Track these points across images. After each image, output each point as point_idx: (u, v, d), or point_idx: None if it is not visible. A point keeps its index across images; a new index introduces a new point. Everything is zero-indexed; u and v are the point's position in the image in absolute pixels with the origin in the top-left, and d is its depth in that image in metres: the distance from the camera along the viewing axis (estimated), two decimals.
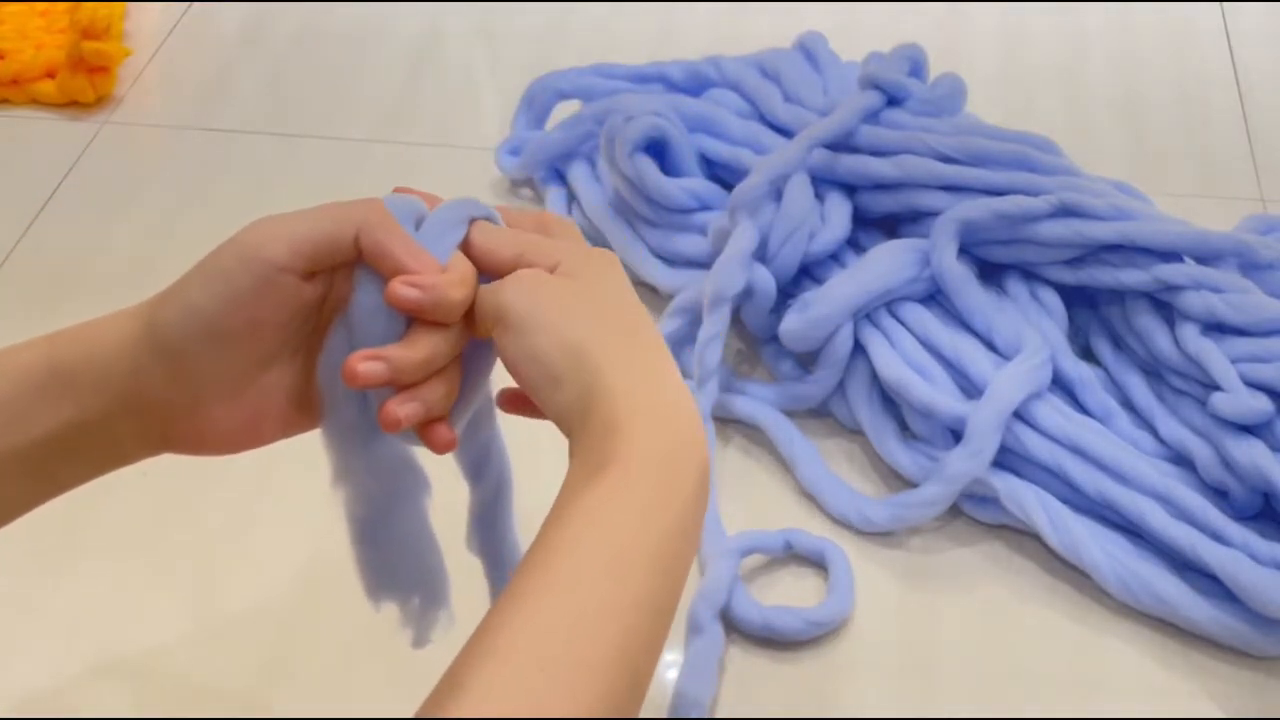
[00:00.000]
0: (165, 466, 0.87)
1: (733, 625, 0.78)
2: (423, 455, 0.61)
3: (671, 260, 0.95)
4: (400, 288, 0.56)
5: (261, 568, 0.81)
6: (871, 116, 0.94)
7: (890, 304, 0.88)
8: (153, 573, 0.81)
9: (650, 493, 0.53)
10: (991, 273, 0.91)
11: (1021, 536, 0.83)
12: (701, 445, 0.56)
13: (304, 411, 0.61)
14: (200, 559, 0.82)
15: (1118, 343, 0.89)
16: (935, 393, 0.84)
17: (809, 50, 1.06)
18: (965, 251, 0.89)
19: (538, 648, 0.48)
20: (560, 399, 0.55)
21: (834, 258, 0.92)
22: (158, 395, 0.57)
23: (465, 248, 0.59)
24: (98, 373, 0.57)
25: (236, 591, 0.80)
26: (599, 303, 0.57)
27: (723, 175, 0.98)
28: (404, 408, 0.57)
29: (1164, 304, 0.87)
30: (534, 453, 0.66)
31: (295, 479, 0.86)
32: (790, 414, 0.89)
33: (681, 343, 0.91)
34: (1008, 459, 0.83)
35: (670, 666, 0.75)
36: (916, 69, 0.99)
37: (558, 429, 0.56)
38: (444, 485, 0.63)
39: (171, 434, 0.59)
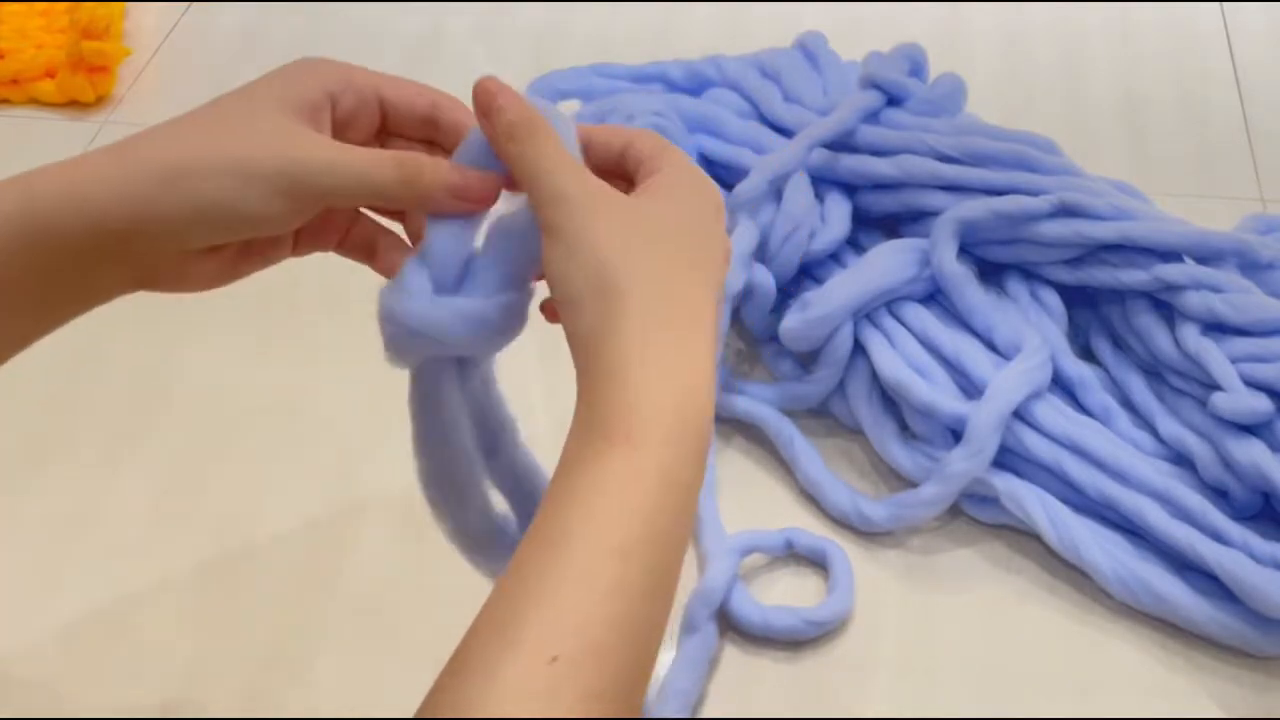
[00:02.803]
0: (166, 468, 0.87)
1: (733, 625, 0.78)
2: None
3: None
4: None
5: (262, 566, 0.81)
6: (871, 116, 0.94)
7: (890, 304, 0.88)
8: (153, 569, 0.81)
9: (659, 474, 0.51)
10: (991, 273, 0.91)
11: (1021, 536, 0.83)
12: (709, 415, 0.54)
13: (276, 252, 0.61)
14: (202, 557, 0.82)
15: (1118, 342, 0.89)
16: (935, 393, 0.84)
17: (809, 50, 1.06)
18: (965, 251, 0.89)
19: (550, 639, 0.47)
20: (575, 326, 0.54)
21: (834, 258, 0.92)
22: (150, 254, 0.57)
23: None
24: (88, 231, 0.56)
25: (237, 589, 0.80)
26: (662, 230, 0.55)
27: (723, 175, 0.98)
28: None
29: (1164, 304, 0.87)
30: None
31: (296, 477, 0.86)
32: (790, 414, 0.88)
33: None
34: (1008, 459, 0.83)
35: (661, 666, 0.75)
36: (916, 69, 0.99)
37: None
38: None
39: (156, 282, 0.58)
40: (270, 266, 0.62)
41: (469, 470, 0.61)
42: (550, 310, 0.59)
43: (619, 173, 0.60)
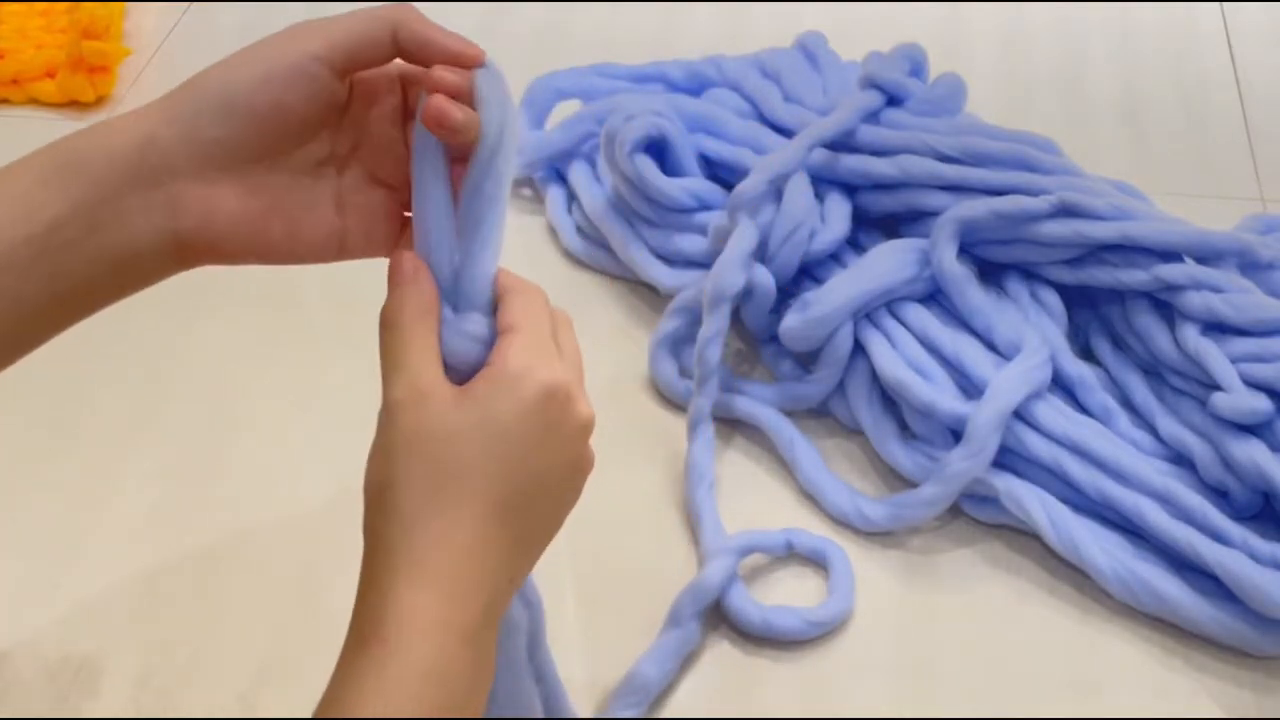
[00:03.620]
0: (171, 462, 0.87)
1: (733, 625, 0.78)
2: None
3: (671, 260, 0.95)
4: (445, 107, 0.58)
5: (263, 564, 0.81)
6: (871, 116, 0.94)
7: (890, 304, 0.88)
8: (156, 563, 0.81)
9: (420, 674, 0.53)
10: (991, 273, 0.91)
11: (1021, 536, 0.83)
12: (480, 619, 0.55)
13: (315, 224, 0.61)
14: (201, 554, 0.82)
15: (1118, 342, 0.89)
16: (935, 393, 0.84)
17: (809, 50, 1.06)
18: (965, 251, 0.89)
19: None
20: (365, 516, 0.56)
21: (834, 258, 0.92)
22: (166, 165, 0.58)
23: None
24: (107, 154, 0.58)
25: (237, 589, 0.80)
26: (470, 442, 0.55)
27: (723, 175, 0.98)
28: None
29: (1164, 304, 0.86)
30: None
31: (301, 470, 0.86)
32: (790, 414, 0.89)
33: (681, 342, 0.91)
34: (1008, 459, 0.83)
35: (636, 652, 0.76)
36: (916, 69, 0.99)
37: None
38: None
39: (180, 217, 0.59)
40: (315, 260, 0.62)
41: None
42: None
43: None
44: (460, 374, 0.57)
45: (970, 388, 0.85)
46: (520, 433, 0.56)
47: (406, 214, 0.63)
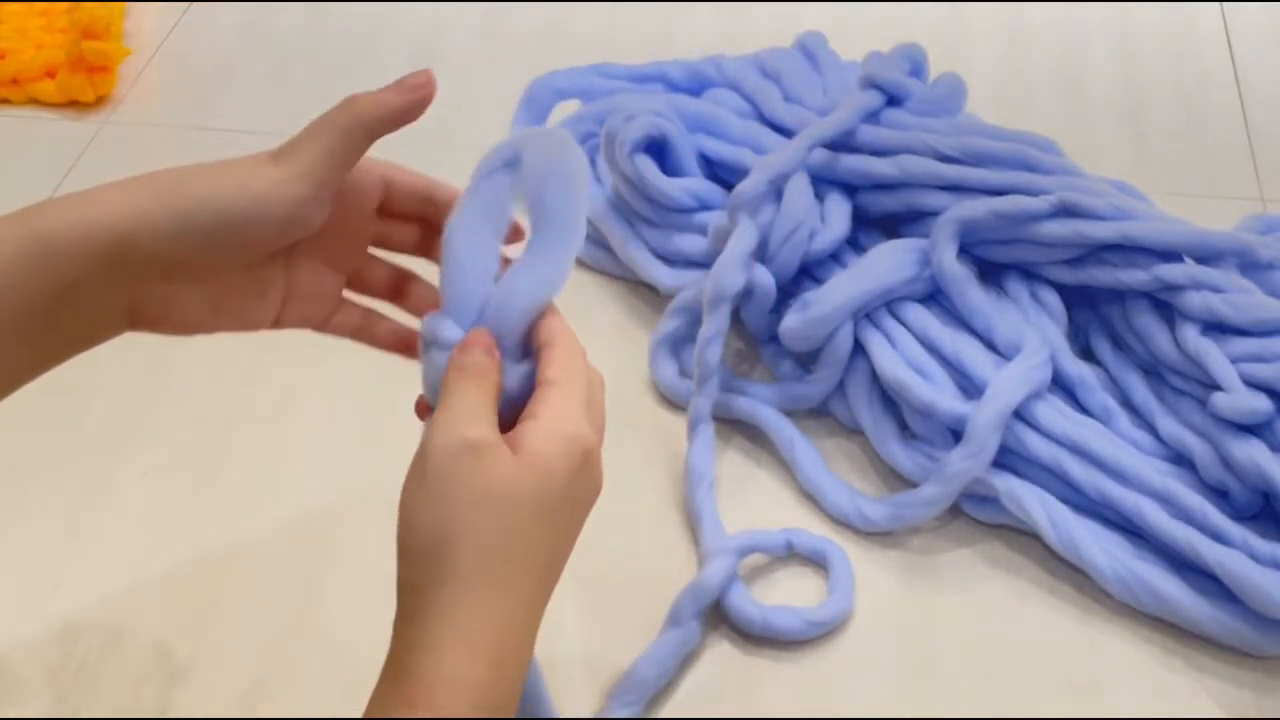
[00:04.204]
0: (168, 465, 0.87)
1: (733, 625, 0.78)
2: None
3: (671, 260, 0.95)
4: None
5: (263, 564, 0.81)
6: (871, 116, 0.94)
7: (890, 304, 0.88)
8: (156, 563, 0.81)
9: None
10: (991, 273, 0.91)
11: (1021, 536, 0.83)
12: (515, 686, 0.56)
13: (262, 309, 0.64)
14: (201, 554, 0.82)
15: (1118, 342, 0.89)
16: (935, 393, 0.84)
17: (809, 50, 1.06)
18: (965, 251, 0.89)
19: None
20: (402, 573, 0.56)
21: (834, 258, 0.92)
22: (138, 269, 0.59)
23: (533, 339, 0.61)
24: (84, 245, 0.59)
25: (237, 589, 0.80)
26: (516, 505, 0.56)
27: (723, 175, 0.98)
28: None
29: (1164, 304, 0.87)
30: None
31: (298, 476, 0.86)
32: (790, 414, 0.89)
33: (681, 342, 0.91)
34: (1008, 459, 0.83)
35: (635, 652, 0.76)
36: (916, 69, 0.99)
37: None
38: None
39: (139, 308, 0.61)
40: (251, 331, 0.65)
41: None
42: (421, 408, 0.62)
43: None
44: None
45: (970, 388, 0.85)
46: (570, 496, 0.57)
47: (346, 295, 0.67)
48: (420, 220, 0.67)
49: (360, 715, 0.54)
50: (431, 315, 0.61)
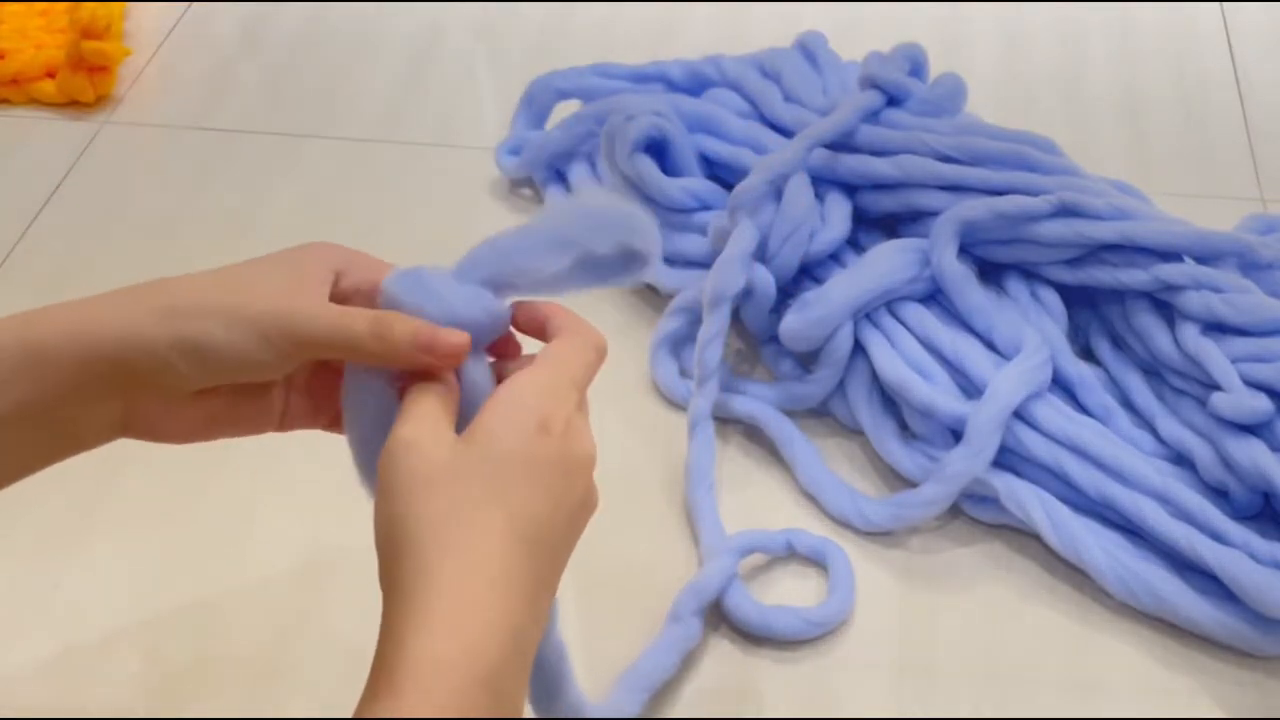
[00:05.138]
0: (167, 463, 0.87)
1: (733, 625, 0.78)
2: None
3: (671, 260, 0.95)
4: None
5: (263, 563, 0.81)
6: (871, 116, 0.94)
7: (890, 304, 0.88)
8: (156, 563, 0.81)
9: None
10: (991, 273, 0.91)
11: (1021, 536, 0.83)
12: (500, 672, 0.54)
13: (263, 419, 0.63)
14: (203, 551, 0.82)
15: (1118, 343, 0.89)
16: (935, 393, 0.84)
17: (809, 50, 1.06)
18: (965, 251, 0.89)
19: None
20: (381, 566, 0.56)
21: (834, 258, 0.92)
22: (132, 389, 0.59)
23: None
24: (80, 359, 0.58)
25: (237, 587, 0.80)
26: (486, 487, 0.55)
27: (723, 175, 0.98)
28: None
29: (1164, 304, 0.87)
30: None
31: (298, 475, 0.86)
32: (790, 414, 0.89)
33: (681, 342, 0.91)
34: (1008, 459, 0.83)
35: (636, 649, 0.76)
36: (916, 69, 0.99)
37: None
38: None
39: (132, 423, 0.61)
40: (251, 436, 0.64)
41: None
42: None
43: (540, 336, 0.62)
44: None
45: (970, 388, 0.85)
46: (529, 460, 0.56)
47: None
48: None
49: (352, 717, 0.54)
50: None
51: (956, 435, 0.83)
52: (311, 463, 0.87)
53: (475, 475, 0.55)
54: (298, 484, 0.85)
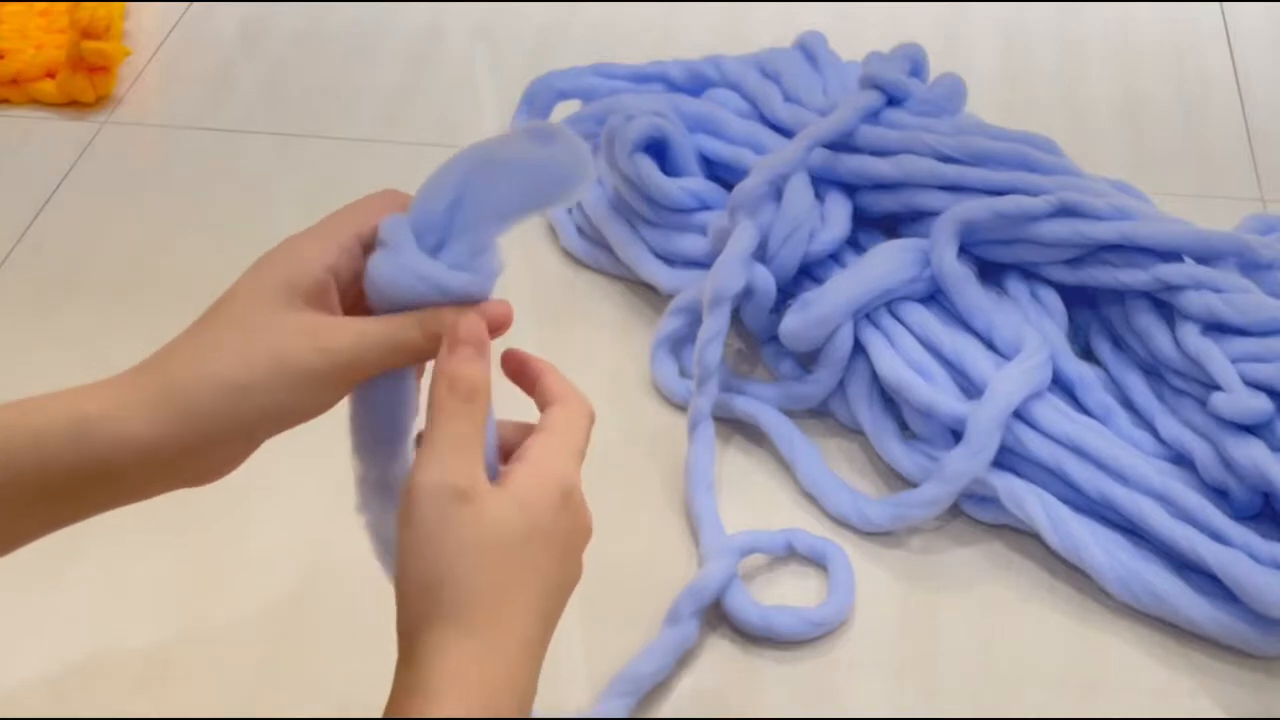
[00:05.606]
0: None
1: (733, 625, 0.78)
2: None
3: (671, 260, 0.95)
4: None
5: (261, 565, 0.81)
6: (871, 116, 0.94)
7: (890, 304, 0.88)
8: (150, 571, 0.81)
9: None
10: (991, 273, 0.91)
11: (1021, 536, 0.83)
12: None
13: (285, 421, 0.61)
14: (201, 556, 0.82)
15: (1118, 343, 0.89)
16: (935, 393, 0.84)
17: (809, 50, 1.06)
18: (965, 251, 0.89)
19: None
20: (401, 616, 0.55)
21: (834, 258, 0.92)
22: (172, 453, 0.57)
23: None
24: (131, 441, 0.56)
25: (234, 591, 0.80)
26: (513, 542, 0.55)
27: (723, 175, 0.98)
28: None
29: (1164, 304, 0.87)
30: None
31: (298, 474, 0.86)
32: (790, 414, 0.89)
33: (681, 342, 0.91)
34: (1008, 459, 0.83)
35: (633, 649, 0.76)
36: (916, 69, 0.99)
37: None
38: None
39: (175, 478, 0.59)
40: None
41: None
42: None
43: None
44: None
45: (970, 388, 0.85)
46: (556, 533, 0.57)
47: None
48: None
49: None
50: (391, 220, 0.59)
51: (956, 435, 0.83)
52: (314, 458, 0.87)
53: (517, 544, 0.56)
54: (300, 483, 0.85)
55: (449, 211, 0.58)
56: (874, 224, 0.94)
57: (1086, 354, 0.90)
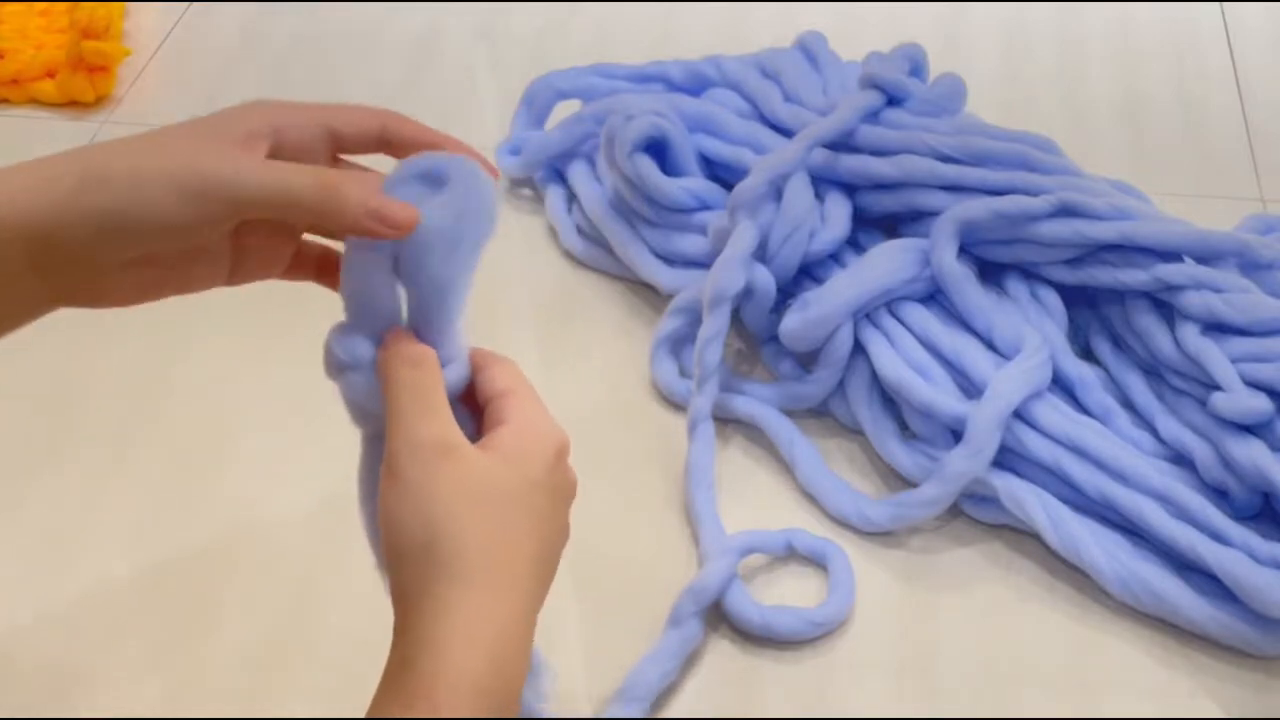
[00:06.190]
0: (166, 466, 0.87)
1: (733, 625, 0.78)
2: None
3: (671, 260, 0.95)
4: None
5: (261, 565, 0.81)
6: (871, 116, 0.94)
7: (890, 304, 0.88)
8: (154, 565, 0.81)
9: None
10: (991, 273, 0.91)
11: (1021, 536, 0.83)
12: (517, 683, 0.55)
13: (209, 275, 0.61)
14: (200, 554, 0.82)
15: (1118, 343, 0.89)
16: (935, 393, 0.84)
17: (809, 50, 1.06)
18: (965, 251, 0.89)
19: None
20: (397, 578, 0.56)
21: (834, 258, 0.92)
22: (60, 261, 0.56)
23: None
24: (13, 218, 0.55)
25: (236, 590, 0.80)
26: (500, 496, 0.56)
27: (723, 175, 0.98)
28: None
29: (1164, 304, 0.87)
30: None
31: (295, 477, 0.86)
32: (790, 414, 0.89)
33: (681, 342, 0.91)
34: (1008, 459, 0.83)
35: (638, 654, 0.75)
36: (916, 69, 0.99)
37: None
38: None
39: (63, 296, 0.58)
40: (201, 291, 0.62)
41: None
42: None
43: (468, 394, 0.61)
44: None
45: (970, 388, 0.85)
46: (551, 490, 0.58)
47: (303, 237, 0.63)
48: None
49: (362, 716, 0.54)
50: (340, 336, 0.59)
51: (956, 435, 0.83)
52: (327, 426, 0.87)
53: (515, 497, 0.56)
54: (310, 449, 0.85)
55: (394, 315, 0.59)
56: (874, 224, 0.94)
57: (1086, 354, 0.90)
